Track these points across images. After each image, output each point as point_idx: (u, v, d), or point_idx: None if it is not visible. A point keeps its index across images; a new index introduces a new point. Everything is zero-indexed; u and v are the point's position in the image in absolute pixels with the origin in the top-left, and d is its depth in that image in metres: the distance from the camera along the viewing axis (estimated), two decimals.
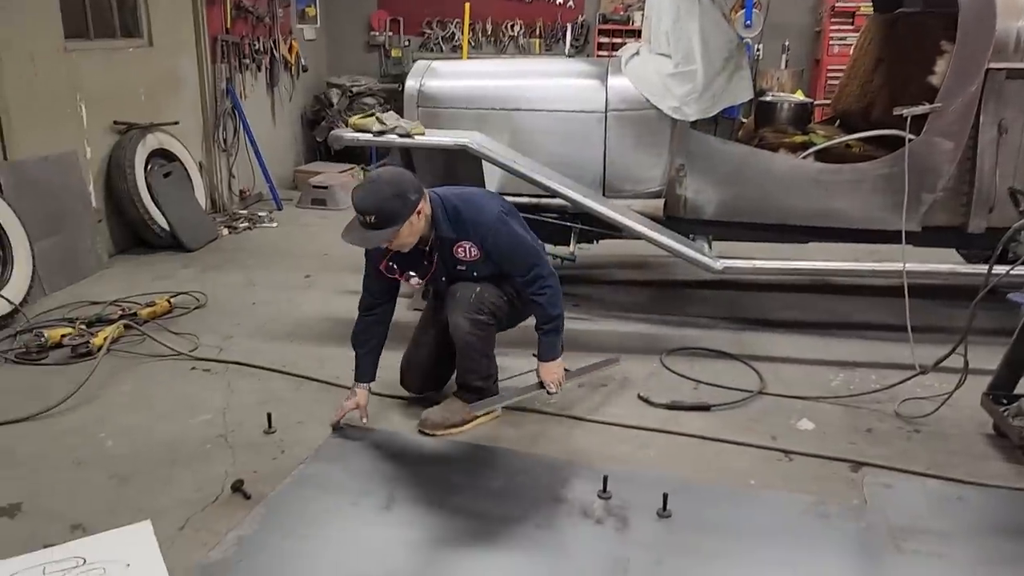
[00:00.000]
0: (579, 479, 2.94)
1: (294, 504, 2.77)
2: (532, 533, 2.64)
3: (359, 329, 3.32)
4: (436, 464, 3.09)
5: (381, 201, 2.96)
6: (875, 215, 4.15)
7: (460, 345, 3.24)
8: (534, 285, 3.24)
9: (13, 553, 2.44)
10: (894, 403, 3.60)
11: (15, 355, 3.92)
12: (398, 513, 2.75)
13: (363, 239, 3.02)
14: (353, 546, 2.57)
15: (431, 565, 2.51)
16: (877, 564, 2.52)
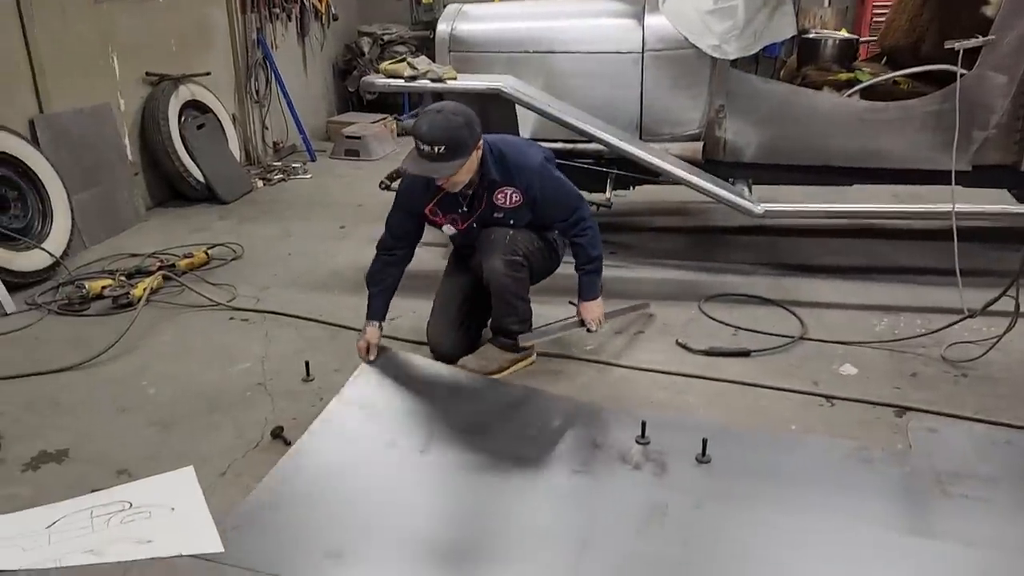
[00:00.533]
0: (617, 424, 2.91)
1: (330, 446, 2.76)
2: (569, 479, 2.62)
3: (375, 269, 3.29)
4: (472, 404, 3.07)
5: (452, 130, 2.89)
6: (923, 154, 4.01)
7: (496, 288, 3.20)
8: (576, 227, 3.25)
9: (62, 497, 2.49)
10: (940, 348, 3.51)
11: (58, 306, 3.98)
12: (436, 456, 2.74)
13: (431, 169, 2.94)
14: (390, 490, 2.57)
15: (469, 510, 2.52)
16: (922, 509, 2.47)
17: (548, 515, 2.45)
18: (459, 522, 2.46)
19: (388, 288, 3.29)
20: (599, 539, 2.32)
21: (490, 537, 2.37)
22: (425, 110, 2.97)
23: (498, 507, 2.51)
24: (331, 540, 2.30)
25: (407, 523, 2.41)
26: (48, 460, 2.72)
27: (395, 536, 2.34)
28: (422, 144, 2.90)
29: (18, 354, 3.50)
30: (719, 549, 2.29)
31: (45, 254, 4.33)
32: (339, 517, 2.43)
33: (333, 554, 2.25)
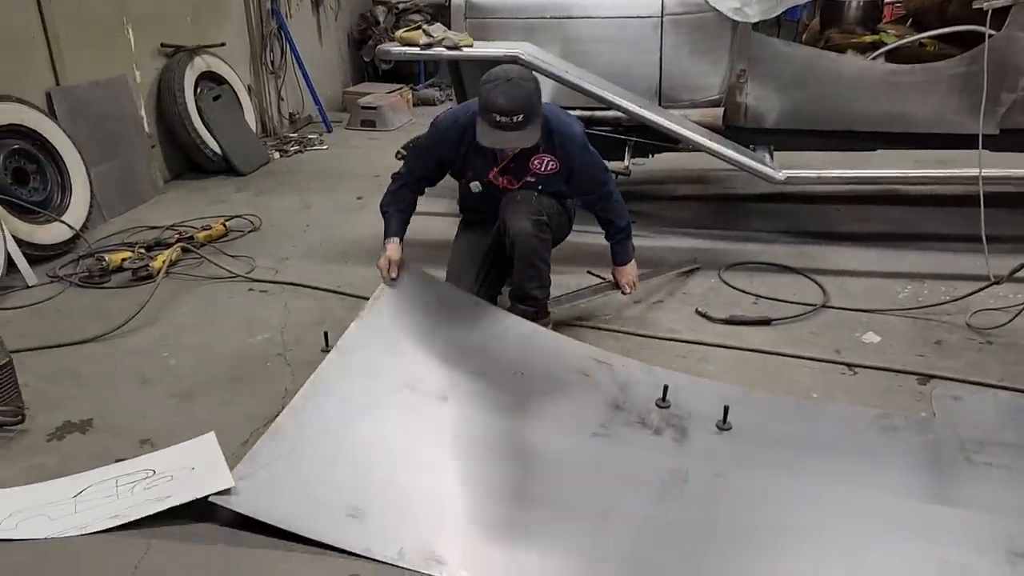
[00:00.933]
0: (638, 385, 2.88)
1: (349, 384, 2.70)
2: (589, 442, 2.61)
3: (391, 192, 3.25)
4: (495, 344, 3.04)
5: (528, 96, 2.87)
6: (949, 118, 3.94)
7: (522, 249, 3.13)
8: (605, 201, 3.29)
9: (86, 467, 2.51)
10: (965, 315, 3.46)
11: (79, 279, 4.00)
12: (455, 406, 2.71)
13: (512, 140, 2.91)
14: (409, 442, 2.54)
15: (487, 472, 2.49)
16: (946, 477, 2.44)
17: (567, 482, 2.43)
18: (479, 485, 2.43)
19: (405, 209, 3.24)
20: (619, 506, 2.31)
21: (508, 502, 2.36)
22: (491, 79, 2.90)
23: (516, 470, 2.50)
24: (351, 497, 2.27)
25: (426, 481, 2.39)
26: (72, 430, 2.75)
27: (414, 495, 2.32)
28: (499, 115, 2.84)
29: (41, 326, 3.53)
30: (740, 517, 2.28)
31: (65, 227, 4.35)
32: (358, 471, 2.38)
33: (353, 512, 2.21)
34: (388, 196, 3.26)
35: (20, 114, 4.27)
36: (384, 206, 3.26)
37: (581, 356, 3.04)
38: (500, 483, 2.44)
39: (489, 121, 2.88)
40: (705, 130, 4.12)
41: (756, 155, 4.15)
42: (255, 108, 6.81)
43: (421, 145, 3.26)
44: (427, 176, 3.27)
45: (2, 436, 2.69)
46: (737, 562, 2.12)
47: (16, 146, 4.26)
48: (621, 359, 3.06)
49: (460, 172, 3.28)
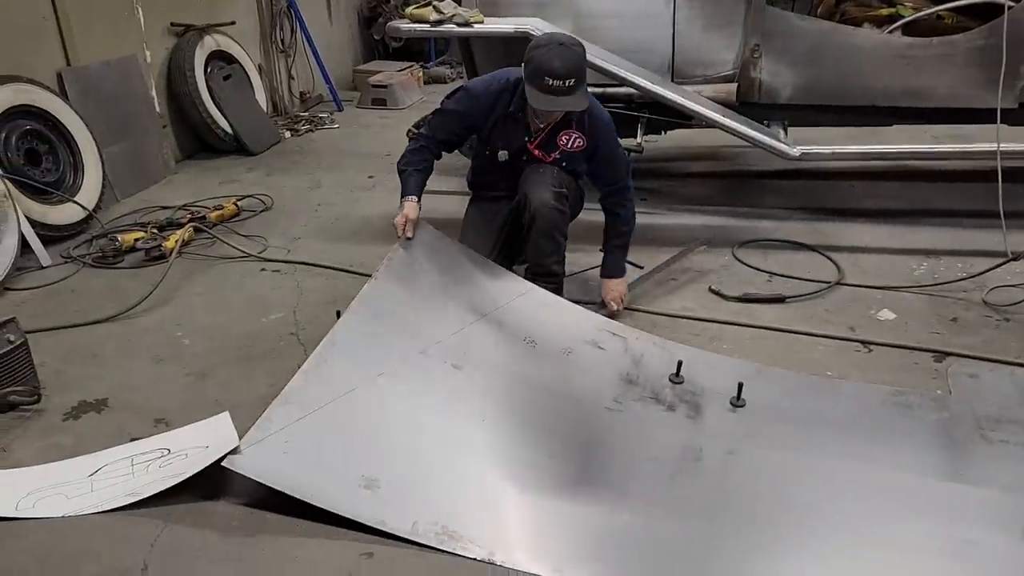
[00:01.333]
0: (651, 359, 2.87)
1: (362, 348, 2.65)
2: (601, 416, 2.60)
3: (410, 151, 3.20)
4: (509, 307, 3.02)
5: (580, 60, 2.88)
6: (967, 92, 3.88)
7: (543, 222, 3.11)
8: (621, 195, 3.26)
9: (102, 446, 2.54)
10: (982, 291, 3.43)
11: (92, 259, 4.02)
12: (468, 374, 2.69)
13: (565, 104, 2.89)
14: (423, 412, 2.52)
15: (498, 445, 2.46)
16: (962, 454, 2.43)
17: (580, 457, 2.43)
18: (491, 459, 2.41)
19: (424, 170, 3.19)
20: (632, 482, 2.31)
21: (522, 476, 2.34)
22: (542, 44, 2.89)
23: (531, 445, 2.47)
24: (365, 467, 2.25)
25: (440, 453, 2.38)
26: (88, 410, 2.77)
27: (428, 468, 2.32)
28: (554, 80, 2.82)
29: (56, 306, 3.54)
30: (753, 495, 2.27)
31: (78, 208, 4.36)
32: (371, 441, 2.36)
33: (367, 483, 2.20)
34: (407, 155, 3.22)
35: (31, 95, 4.27)
36: (402, 165, 3.21)
37: (594, 327, 3.02)
38: (513, 458, 2.42)
39: (540, 85, 2.85)
40: (718, 106, 4.08)
41: (770, 131, 4.11)
42: (265, 87, 6.79)
43: (449, 109, 3.20)
44: (449, 140, 3.24)
45: (18, 416, 2.71)
46: (750, 539, 2.12)
47: (28, 127, 4.26)
48: (635, 332, 3.04)
49: (487, 140, 3.25)
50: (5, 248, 3.72)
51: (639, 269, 3.69)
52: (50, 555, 2.08)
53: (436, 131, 3.21)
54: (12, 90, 4.16)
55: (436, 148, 3.23)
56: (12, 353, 2.74)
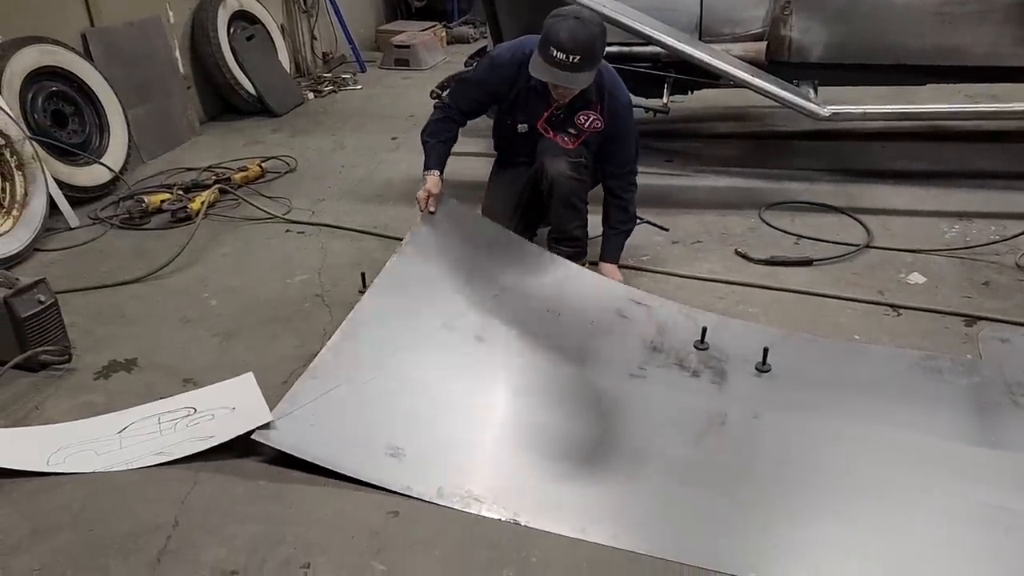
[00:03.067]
0: (676, 326, 2.86)
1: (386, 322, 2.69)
2: (626, 382, 2.61)
3: (434, 121, 3.18)
4: (532, 281, 3.02)
5: (593, 39, 2.80)
6: (1004, 50, 3.78)
7: (560, 190, 3.10)
8: (625, 180, 3.21)
9: (132, 404, 2.57)
10: (1015, 255, 3.38)
11: (119, 221, 4.05)
12: (491, 345, 2.71)
13: (566, 79, 2.84)
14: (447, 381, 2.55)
15: (523, 411, 2.50)
16: (992, 419, 2.40)
17: (604, 422, 2.44)
18: (515, 423, 2.45)
19: (447, 140, 3.19)
20: (656, 447, 2.31)
21: (547, 440, 2.37)
22: (560, 14, 2.84)
23: (555, 409, 2.50)
24: (391, 436, 2.29)
25: (464, 420, 2.41)
26: (118, 369, 2.81)
27: (452, 435, 2.35)
28: (558, 52, 2.77)
29: (85, 267, 3.58)
30: (778, 459, 2.27)
31: (104, 169, 4.38)
32: (397, 411, 2.40)
33: (393, 451, 2.24)
34: (431, 125, 3.19)
35: (57, 56, 4.28)
36: (426, 136, 3.19)
37: (618, 297, 3.02)
38: (536, 423, 2.45)
39: (545, 55, 2.82)
40: (747, 65, 3.99)
41: (800, 91, 4.02)
42: (288, 48, 6.75)
43: (473, 78, 3.19)
44: (473, 109, 3.21)
45: (50, 375, 2.76)
46: (775, 503, 2.12)
47: (54, 88, 4.27)
48: (659, 300, 3.03)
49: (509, 110, 3.22)
50: (34, 209, 3.75)
51: (665, 231, 3.66)
52: (84, 510, 2.13)
53: (458, 100, 3.19)
54: (38, 51, 4.16)
55: (459, 117, 3.21)
56: (43, 313, 2.78)
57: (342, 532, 2.03)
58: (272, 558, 1.96)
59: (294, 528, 2.05)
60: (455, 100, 3.19)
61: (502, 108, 3.24)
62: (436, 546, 1.99)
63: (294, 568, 1.93)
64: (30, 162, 3.79)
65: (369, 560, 1.95)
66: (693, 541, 2.00)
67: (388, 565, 1.93)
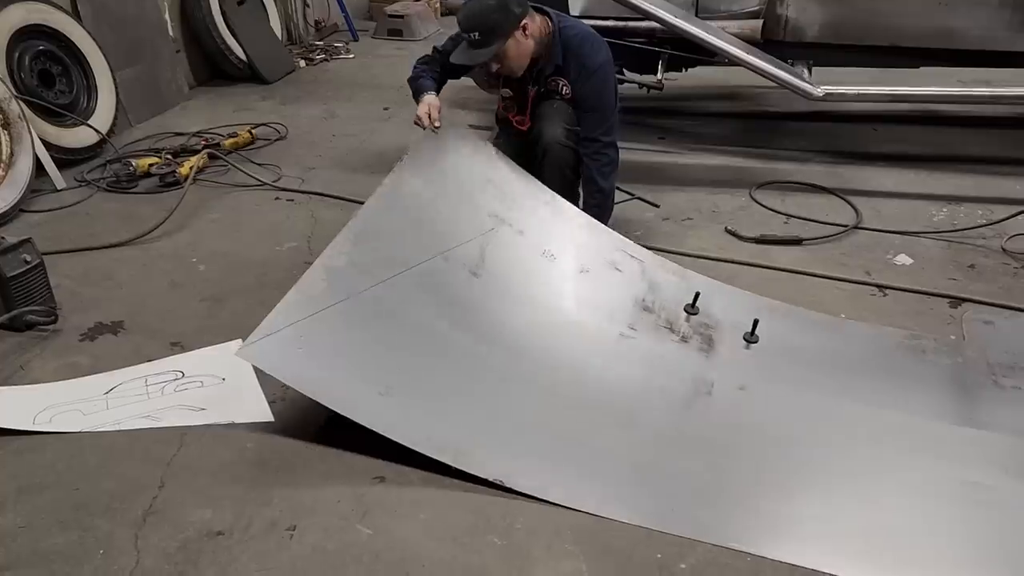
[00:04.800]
0: (668, 287, 2.83)
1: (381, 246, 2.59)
2: (615, 343, 2.60)
3: (417, 67, 3.14)
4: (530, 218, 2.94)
5: (484, 14, 2.83)
6: (1001, 34, 3.79)
7: (553, 158, 3.08)
8: (593, 146, 3.09)
9: (119, 367, 2.57)
10: (1001, 239, 3.40)
11: (107, 184, 4.01)
12: (486, 282, 2.67)
13: (469, 56, 2.92)
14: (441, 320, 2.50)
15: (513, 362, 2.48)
16: (973, 399, 2.43)
17: (593, 384, 2.44)
18: (503, 379, 2.41)
19: (437, 79, 3.13)
20: (641, 413, 2.33)
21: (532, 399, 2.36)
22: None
23: (544, 366, 2.48)
24: (382, 374, 2.24)
25: (454, 367, 2.38)
26: (104, 331, 2.79)
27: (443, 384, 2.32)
28: (462, 32, 2.90)
29: (72, 229, 3.55)
30: (763, 433, 2.29)
31: (92, 131, 4.33)
32: (388, 349, 2.34)
33: (384, 390, 2.20)
34: (417, 67, 3.15)
35: (45, 14, 4.21)
36: (414, 75, 3.13)
37: (614, 246, 2.95)
38: (526, 379, 2.42)
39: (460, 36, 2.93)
40: (743, 43, 3.98)
41: (794, 70, 4.02)
42: (280, 15, 6.68)
43: (456, 35, 3.14)
44: (456, 69, 3.15)
45: (35, 335, 2.74)
46: (757, 474, 2.14)
47: (41, 47, 4.21)
48: (653, 256, 2.98)
49: (495, 74, 3.19)
50: (20, 170, 3.71)
51: (656, 208, 3.67)
52: (69, 469, 2.12)
53: (444, 54, 3.13)
54: (25, 9, 4.10)
55: (443, 75, 3.17)
56: (28, 273, 2.76)
57: (328, 495, 2.04)
58: (258, 520, 1.97)
59: (280, 491, 2.05)
60: (443, 57, 3.11)
61: (488, 70, 3.21)
62: (421, 510, 2.00)
63: (280, 530, 1.94)
64: (16, 122, 3.75)
65: (355, 523, 1.96)
66: (676, 510, 2.02)
67: (373, 528, 1.95)
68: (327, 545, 1.90)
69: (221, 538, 1.91)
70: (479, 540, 1.92)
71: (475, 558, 1.87)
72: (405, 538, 1.92)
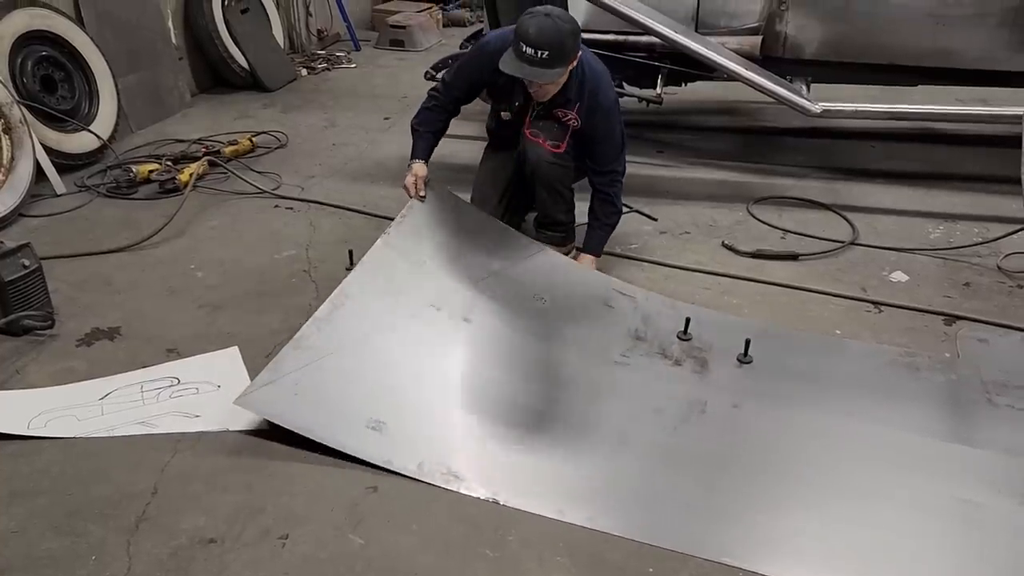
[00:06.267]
0: (661, 317, 2.88)
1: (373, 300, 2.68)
2: (610, 368, 2.63)
3: (425, 109, 3.19)
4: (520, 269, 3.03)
5: (562, 36, 2.78)
6: (998, 54, 3.81)
7: (543, 177, 3.12)
8: (608, 178, 3.17)
9: (115, 373, 2.57)
10: (997, 257, 3.41)
11: (107, 189, 4.01)
12: (478, 326, 2.72)
13: (532, 74, 2.83)
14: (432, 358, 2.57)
15: (508, 390, 2.50)
16: (967, 417, 2.44)
17: (586, 405, 2.46)
18: (499, 404, 2.45)
19: (437, 132, 3.21)
20: (636, 432, 2.34)
21: (529, 421, 2.39)
22: (532, 11, 2.84)
23: (538, 392, 2.52)
24: (373, 409, 2.30)
25: (447, 398, 2.42)
26: (101, 337, 2.80)
27: (435, 411, 2.37)
28: (526, 46, 2.77)
29: (70, 234, 3.56)
30: (756, 449, 2.30)
31: (93, 137, 4.34)
32: (380, 385, 2.41)
33: (375, 424, 2.25)
34: (422, 114, 3.21)
35: (48, 20, 4.23)
36: (416, 124, 3.21)
37: (605, 287, 3.04)
38: (519, 403, 2.46)
39: (516, 49, 2.82)
40: (742, 59, 4.01)
41: (793, 87, 4.04)
42: (283, 23, 6.70)
43: (463, 62, 3.19)
44: (464, 94, 3.20)
45: (32, 340, 2.75)
46: (751, 492, 2.15)
47: (44, 53, 4.22)
48: (644, 292, 3.04)
49: (496, 96, 3.23)
50: (20, 174, 3.72)
51: (653, 221, 3.69)
52: (63, 474, 2.13)
53: (451, 86, 3.18)
54: (28, 15, 4.12)
55: (451, 105, 3.20)
56: (26, 278, 2.77)
57: (321, 505, 2.05)
58: (251, 528, 1.97)
59: (274, 499, 2.06)
60: (447, 85, 3.18)
61: (490, 93, 3.25)
62: (414, 521, 2.01)
63: (272, 539, 1.94)
64: (18, 126, 3.76)
65: (347, 533, 1.96)
66: (669, 525, 2.03)
67: (366, 539, 1.95)
68: (319, 554, 1.90)
69: (213, 546, 1.91)
70: (471, 552, 1.93)
71: (467, 570, 1.88)
72: (398, 549, 1.93)
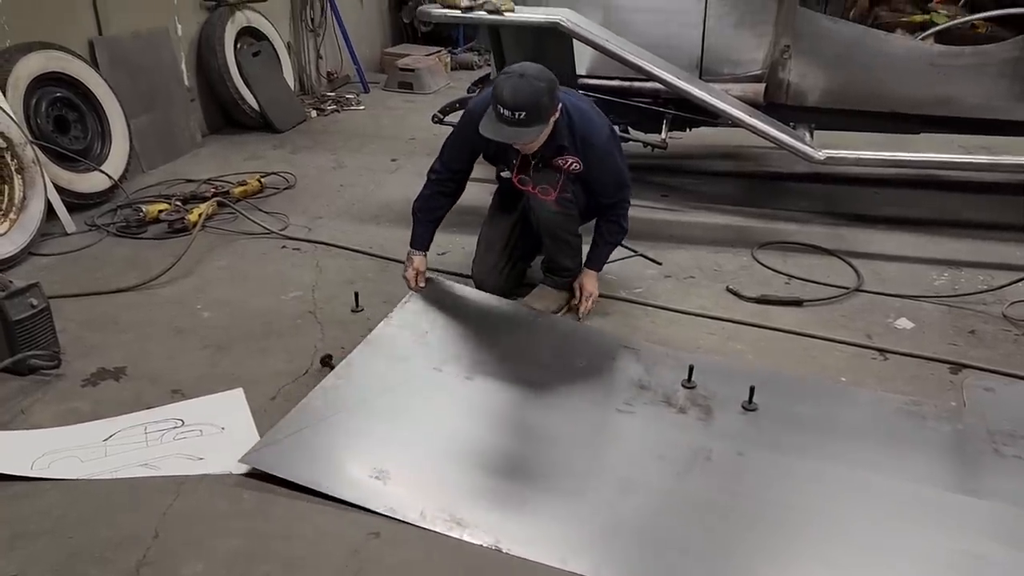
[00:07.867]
0: (663, 367, 2.89)
1: (376, 367, 2.80)
2: (613, 417, 2.63)
3: (426, 195, 3.25)
4: (521, 334, 3.09)
5: (538, 96, 2.80)
6: (998, 103, 3.85)
7: (549, 227, 3.17)
8: (615, 208, 3.24)
9: (120, 413, 2.57)
10: (1002, 305, 3.41)
11: (116, 228, 4.05)
12: (481, 383, 2.76)
13: (511, 135, 2.86)
14: (435, 413, 2.61)
15: (512, 441, 2.54)
16: (973, 467, 2.42)
17: (590, 451, 2.46)
18: (501, 453, 2.47)
19: (436, 220, 3.30)
20: (640, 479, 2.32)
21: (532, 469, 2.39)
22: (506, 72, 2.88)
23: (541, 440, 2.52)
24: (376, 460, 2.33)
25: (451, 448, 2.44)
26: (106, 376, 2.81)
27: (437, 460, 2.37)
28: (503, 108, 2.80)
29: (79, 273, 3.59)
30: (761, 497, 2.28)
31: (104, 177, 4.40)
32: (383, 437, 2.45)
33: (378, 474, 2.27)
34: (422, 200, 3.27)
35: (63, 62, 4.31)
36: (416, 210, 3.29)
37: (608, 343, 3.06)
38: (522, 451, 2.48)
39: (495, 111, 2.85)
40: (745, 106, 4.06)
41: (796, 133, 4.09)
42: (294, 66, 6.81)
43: (454, 135, 3.23)
44: (462, 168, 3.24)
45: (38, 380, 2.75)
46: (756, 540, 2.13)
47: (58, 94, 4.29)
48: (648, 346, 3.06)
49: (494, 159, 3.28)
50: (31, 213, 3.77)
51: (658, 265, 3.70)
52: (65, 516, 2.12)
53: (447, 161, 3.23)
54: (44, 57, 4.19)
55: (451, 183, 3.24)
56: (34, 317, 2.78)
57: (323, 550, 2.03)
58: (251, 574, 1.95)
59: (275, 544, 2.05)
60: (444, 161, 3.23)
61: (486, 157, 3.29)
62: (416, 568, 1.99)
63: None
64: (30, 166, 3.81)
65: None
66: (673, 572, 2.00)
67: None
68: None
69: None
70: None
71: None
72: None
